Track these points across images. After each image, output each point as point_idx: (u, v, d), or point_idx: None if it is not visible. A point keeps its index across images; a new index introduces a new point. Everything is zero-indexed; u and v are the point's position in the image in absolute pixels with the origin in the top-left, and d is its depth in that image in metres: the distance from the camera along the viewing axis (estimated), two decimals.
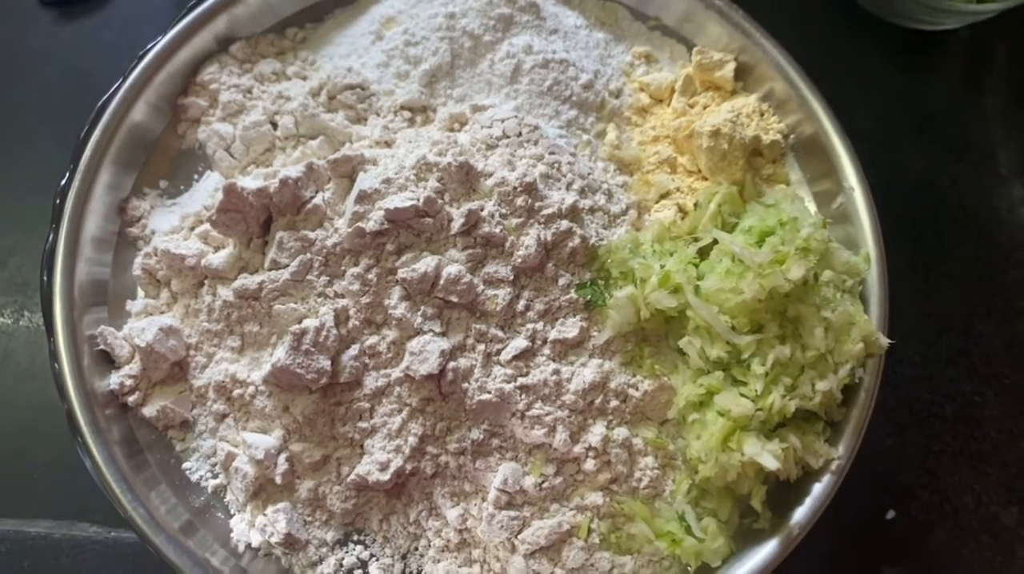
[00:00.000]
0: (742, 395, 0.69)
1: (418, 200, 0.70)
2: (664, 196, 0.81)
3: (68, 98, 0.99)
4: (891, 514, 0.89)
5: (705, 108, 0.84)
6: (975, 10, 0.92)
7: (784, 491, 0.72)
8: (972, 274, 0.97)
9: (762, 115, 0.84)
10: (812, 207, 0.82)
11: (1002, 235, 0.98)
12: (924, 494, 0.90)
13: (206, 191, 0.80)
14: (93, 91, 0.91)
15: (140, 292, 0.79)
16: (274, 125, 0.82)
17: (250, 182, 0.72)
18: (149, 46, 0.83)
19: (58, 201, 0.79)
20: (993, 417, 0.92)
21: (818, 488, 0.71)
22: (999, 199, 1.00)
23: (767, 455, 0.66)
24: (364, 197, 0.71)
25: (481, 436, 0.71)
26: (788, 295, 0.68)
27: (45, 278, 0.76)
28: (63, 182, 0.79)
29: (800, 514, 0.71)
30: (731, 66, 0.85)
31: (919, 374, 0.93)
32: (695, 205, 0.78)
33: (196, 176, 0.84)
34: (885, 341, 0.72)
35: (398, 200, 0.70)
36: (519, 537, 0.70)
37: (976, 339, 0.95)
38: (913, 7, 0.95)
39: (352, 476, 0.70)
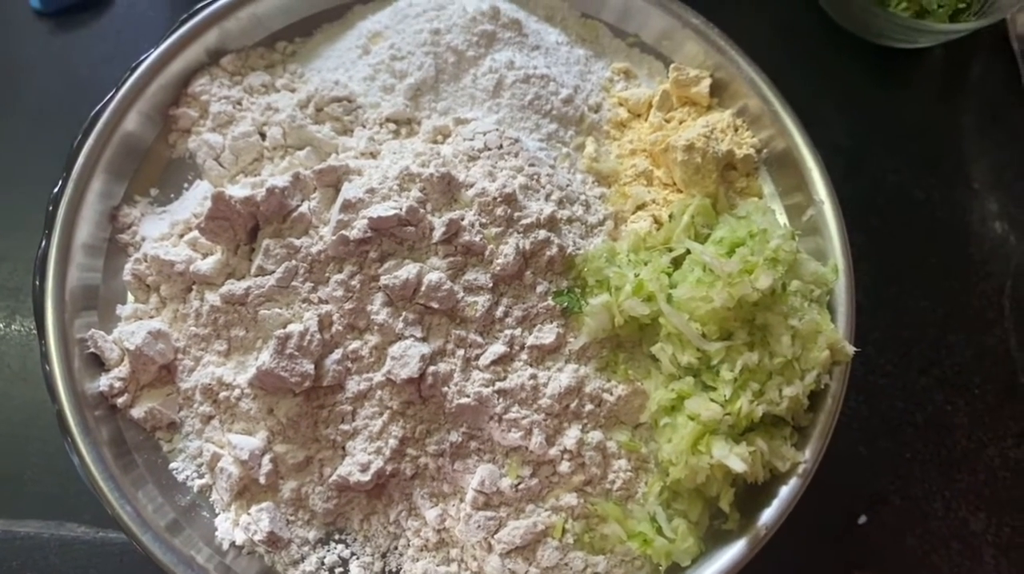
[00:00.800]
0: (712, 400, 0.71)
1: (401, 209, 0.73)
2: (640, 207, 0.83)
3: (62, 107, 1.02)
4: (863, 519, 0.91)
5: (681, 123, 0.87)
6: (947, 29, 0.95)
7: (752, 494, 0.74)
8: (944, 286, 1.00)
9: (736, 130, 0.87)
10: (783, 219, 0.85)
11: (973, 248, 1.01)
12: (895, 500, 0.92)
13: (195, 199, 0.82)
14: (87, 100, 0.93)
15: (130, 297, 0.81)
16: (262, 136, 0.84)
17: (238, 191, 0.74)
18: (142, 58, 0.85)
19: (51, 208, 0.81)
20: (963, 425, 0.95)
21: (785, 491, 0.73)
22: (971, 212, 1.02)
23: (735, 458, 0.68)
24: (348, 206, 0.73)
25: (460, 438, 0.73)
26: (756, 304, 0.71)
27: (37, 282, 0.78)
28: (56, 190, 0.81)
29: (767, 516, 0.73)
30: (707, 82, 0.88)
31: (892, 383, 0.96)
32: (669, 216, 0.81)
33: (186, 185, 0.86)
34: (851, 349, 0.74)
35: (381, 209, 0.72)
36: (495, 537, 0.72)
37: (947, 349, 0.97)
38: (887, 26, 0.98)
39: (334, 477, 0.72)
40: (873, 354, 0.96)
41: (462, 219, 0.74)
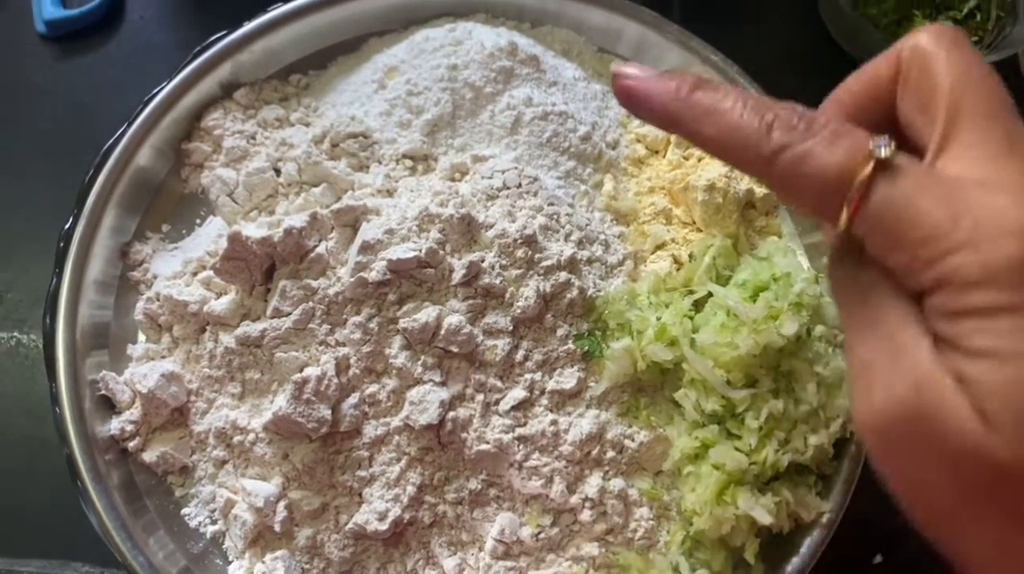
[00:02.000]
0: (736, 449, 0.70)
1: (420, 251, 0.72)
2: (660, 247, 0.82)
3: (69, 133, 1.01)
4: (878, 558, 0.90)
5: (700, 160, 0.86)
6: None
7: (775, 542, 0.73)
8: None
9: None
10: (804, 261, 0.84)
11: None
12: (911, 539, 0.90)
13: (208, 236, 0.81)
14: (95, 127, 0.92)
15: (141, 336, 0.80)
16: (277, 171, 0.83)
17: (254, 231, 0.73)
18: (154, 91, 0.84)
19: (62, 244, 0.80)
20: None
21: (809, 541, 0.72)
22: None
23: (760, 510, 0.67)
24: (367, 247, 0.72)
25: (479, 486, 0.72)
26: (782, 350, 0.70)
27: (48, 321, 0.77)
28: (67, 226, 0.80)
29: (792, 566, 0.71)
30: None
31: None
32: (690, 256, 0.80)
33: (198, 220, 0.85)
34: None
35: (400, 251, 0.71)
36: None
37: None
38: None
39: (350, 525, 0.71)
40: None
41: (482, 261, 0.73)
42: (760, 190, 0.84)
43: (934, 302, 0.37)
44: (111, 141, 0.82)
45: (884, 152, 0.37)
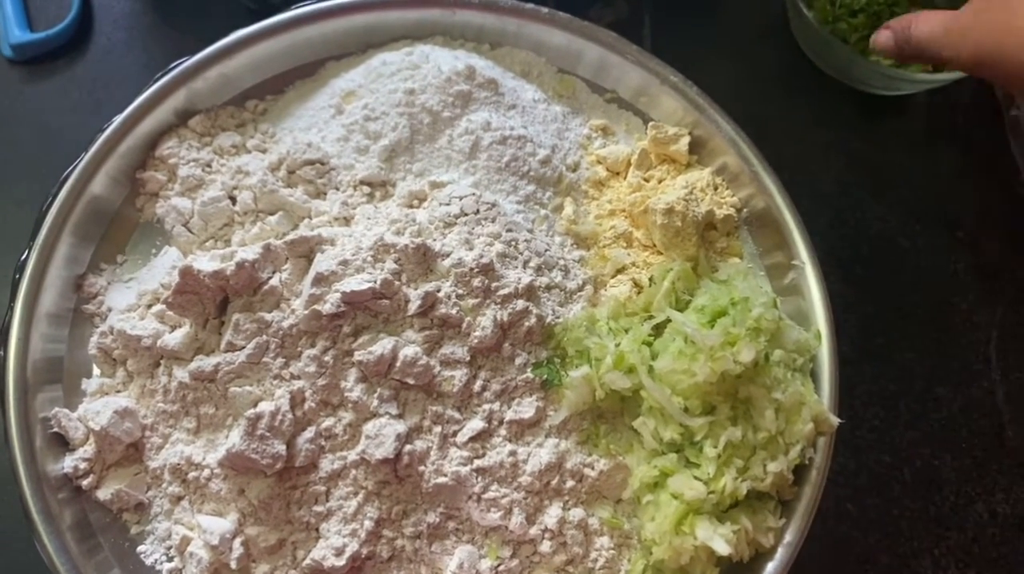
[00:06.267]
0: (695, 477, 0.69)
1: (375, 282, 0.71)
2: (620, 271, 0.82)
3: (33, 157, 0.99)
4: None
5: (660, 182, 0.86)
6: (929, 79, 0.94)
7: (737, 569, 0.73)
8: (930, 337, 0.99)
9: (716, 189, 0.86)
10: (765, 283, 0.83)
11: (958, 297, 1.00)
12: (883, 558, 0.91)
13: (163, 268, 0.80)
14: (60, 150, 0.90)
15: (96, 370, 0.79)
16: (233, 200, 0.82)
17: (206, 264, 0.72)
18: (111, 120, 0.83)
19: (16, 276, 0.78)
20: (950, 481, 0.94)
21: (771, 566, 0.72)
22: (957, 262, 1.01)
23: (719, 540, 0.66)
24: (321, 279, 0.71)
25: (437, 519, 0.71)
26: (739, 377, 0.69)
27: (1, 354, 0.76)
28: (22, 257, 0.79)
29: None
30: (685, 140, 0.86)
31: (879, 438, 0.95)
32: (650, 281, 0.79)
33: (154, 250, 0.84)
34: (835, 420, 0.73)
35: (355, 283, 0.71)
36: None
37: (934, 402, 0.96)
38: (869, 74, 0.97)
39: (307, 561, 0.70)
40: (859, 408, 0.95)
41: (438, 291, 0.72)
42: (720, 211, 0.84)
43: None
44: (67, 171, 0.81)
45: None
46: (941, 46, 0.78)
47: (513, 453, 0.72)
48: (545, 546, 0.71)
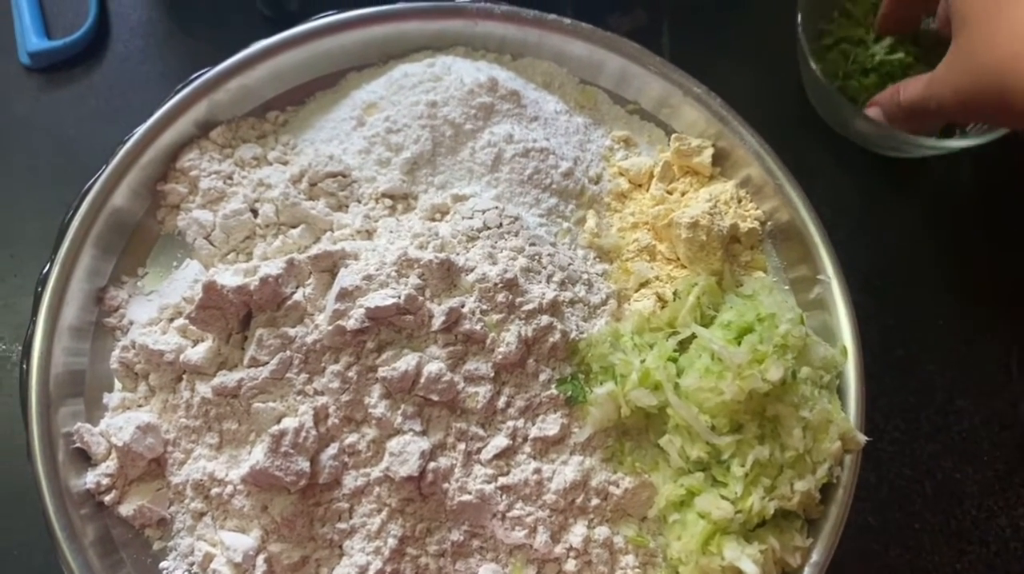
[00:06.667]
0: (722, 497, 0.69)
1: (399, 298, 0.70)
2: (643, 285, 0.81)
3: (52, 166, 0.99)
4: None
5: (683, 195, 0.85)
6: (936, 146, 0.90)
7: None
8: (951, 349, 0.98)
9: (739, 202, 0.85)
10: (790, 297, 0.83)
11: (979, 308, 0.99)
12: (905, 572, 0.90)
13: (185, 281, 0.80)
14: (78, 159, 0.91)
15: (117, 384, 0.78)
16: (254, 213, 0.82)
17: (229, 279, 0.72)
18: (132, 132, 0.83)
19: (39, 289, 0.78)
20: (972, 494, 0.93)
21: None
22: (979, 272, 1.01)
23: (747, 560, 0.66)
24: (345, 294, 0.71)
25: (461, 537, 0.71)
26: (767, 395, 0.69)
27: (24, 367, 0.75)
28: (44, 270, 0.79)
29: None
30: (708, 152, 0.86)
31: (900, 451, 0.94)
32: (675, 295, 0.79)
33: (175, 263, 0.84)
34: (862, 438, 0.72)
35: (379, 298, 0.70)
36: None
37: (955, 415, 0.96)
38: (876, 138, 0.94)
39: None
40: (880, 420, 0.94)
41: (462, 306, 0.72)
42: (744, 225, 0.83)
43: None
44: (88, 183, 0.81)
45: None
46: (926, 101, 0.82)
47: (538, 470, 0.71)
48: (570, 565, 0.71)
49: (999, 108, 0.74)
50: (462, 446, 0.71)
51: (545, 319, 0.73)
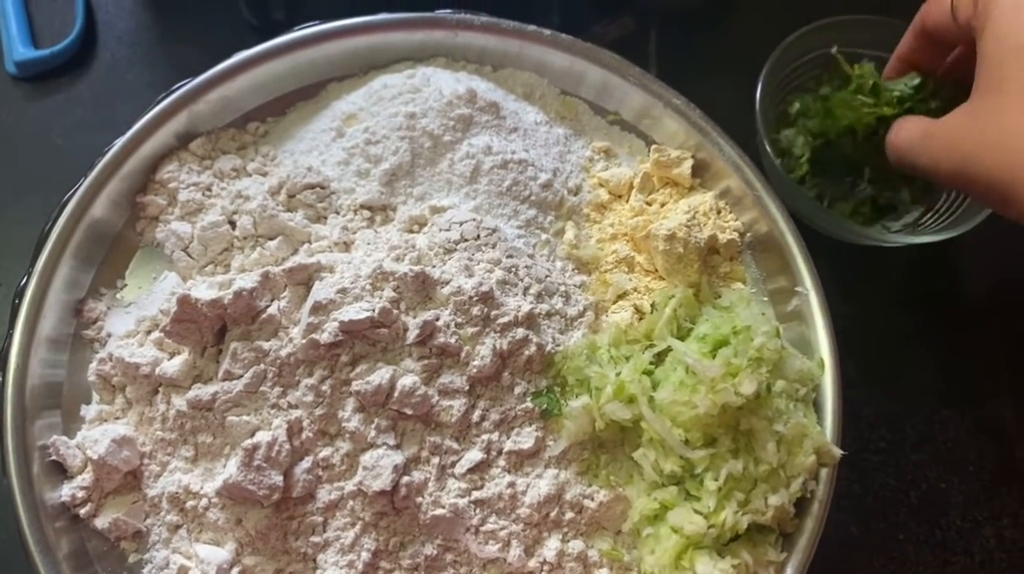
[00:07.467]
0: (695, 511, 0.68)
1: (374, 311, 0.70)
2: (621, 296, 0.81)
3: (38, 174, 0.99)
4: None
5: (663, 206, 0.85)
6: (900, 241, 0.88)
7: None
8: (937, 357, 0.97)
9: (719, 213, 0.85)
10: (768, 309, 0.82)
11: (967, 317, 0.99)
12: None
13: (163, 293, 0.80)
14: (64, 168, 0.90)
15: (95, 396, 0.78)
16: (232, 225, 0.82)
17: (204, 292, 0.72)
18: (112, 143, 0.83)
19: (16, 300, 0.78)
20: (958, 504, 0.93)
21: None
22: (967, 279, 1.00)
23: None
24: (319, 308, 0.71)
25: (435, 551, 0.70)
26: (741, 408, 0.68)
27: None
28: (22, 281, 0.79)
29: None
30: (688, 163, 0.86)
31: (885, 461, 0.93)
32: (652, 307, 0.79)
33: (154, 275, 0.83)
34: (837, 452, 0.72)
35: (353, 312, 0.70)
36: None
37: (941, 424, 0.95)
38: (839, 231, 0.90)
39: None
40: (865, 430, 0.94)
41: (437, 320, 0.72)
42: (723, 236, 0.83)
43: None
44: (67, 195, 0.81)
45: None
46: (917, 154, 0.73)
47: (512, 484, 0.71)
48: None
49: (1004, 200, 0.64)
50: (436, 460, 0.71)
51: (520, 332, 0.73)
